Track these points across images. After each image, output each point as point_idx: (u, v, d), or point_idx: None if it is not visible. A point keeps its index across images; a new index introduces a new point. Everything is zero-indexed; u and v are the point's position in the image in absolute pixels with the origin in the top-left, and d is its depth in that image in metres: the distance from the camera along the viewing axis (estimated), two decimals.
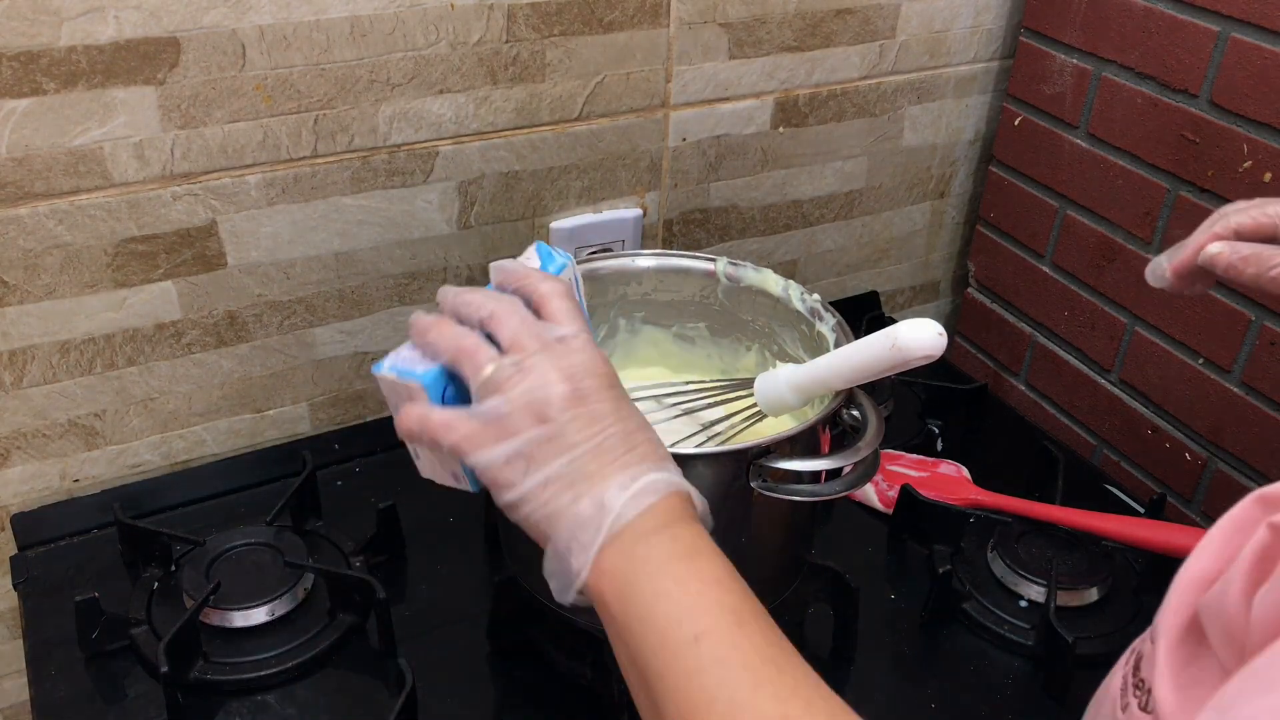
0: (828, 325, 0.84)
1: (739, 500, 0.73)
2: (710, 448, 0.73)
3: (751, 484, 0.71)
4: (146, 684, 0.81)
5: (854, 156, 1.20)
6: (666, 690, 0.48)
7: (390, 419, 1.09)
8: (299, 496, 0.94)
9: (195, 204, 0.89)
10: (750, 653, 0.49)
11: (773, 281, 0.88)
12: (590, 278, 0.90)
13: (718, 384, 0.84)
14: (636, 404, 0.84)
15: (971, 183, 1.31)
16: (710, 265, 0.90)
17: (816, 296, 0.86)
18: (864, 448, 0.72)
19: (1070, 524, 0.96)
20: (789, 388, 0.76)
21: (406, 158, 0.96)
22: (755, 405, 0.79)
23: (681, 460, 0.71)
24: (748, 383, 0.80)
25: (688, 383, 0.86)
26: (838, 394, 0.76)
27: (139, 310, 0.91)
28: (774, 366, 0.92)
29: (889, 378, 1.13)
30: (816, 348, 0.86)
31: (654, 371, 0.95)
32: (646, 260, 0.91)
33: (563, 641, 0.85)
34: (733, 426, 0.80)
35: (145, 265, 0.89)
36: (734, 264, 0.90)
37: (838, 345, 0.83)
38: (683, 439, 0.80)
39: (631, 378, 0.93)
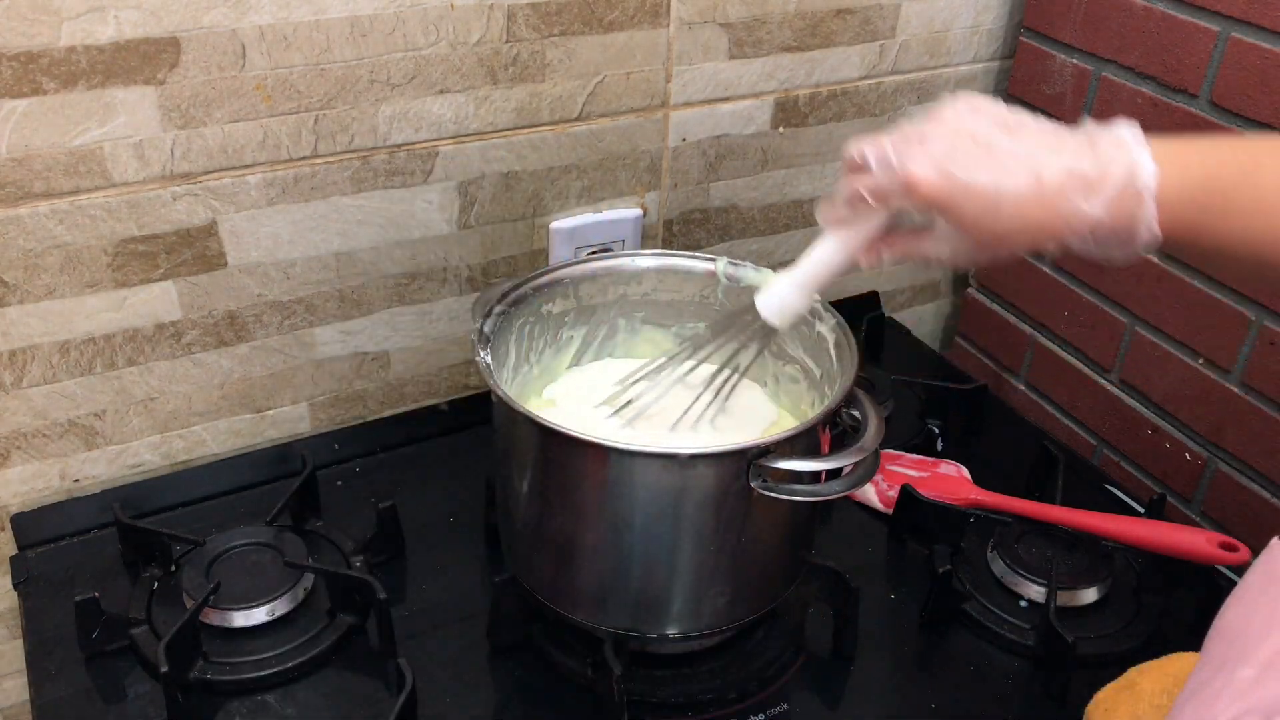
0: (828, 325, 0.84)
1: (739, 500, 0.73)
2: (710, 448, 0.73)
3: (751, 484, 0.71)
4: (146, 684, 0.81)
5: None
6: None
7: (389, 418, 1.09)
8: (299, 496, 0.94)
9: (195, 204, 0.89)
10: None
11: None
12: (590, 278, 0.90)
13: (709, 334, 0.84)
14: (635, 385, 0.84)
15: None
16: (710, 265, 0.90)
17: (816, 296, 0.86)
18: (864, 448, 0.72)
19: (1070, 524, 0.96)
20: (792, 288, 0.74)
21: (406, 158, 0.96)
22: (743, 352, 0.80)
23: (680, 461, 0.72)
24: (739, 318, 0.80)
25: (678, 351, 0.86)
26: (837, 393, 0.76)
27: (139, 310, 0.91)
28: (774, 366, 0.92)
29: (889, 378, 1.13)
30: (816, 348, 0.86)
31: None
32: (646, 260, 0.91)
33: (563, 641, 0.85)
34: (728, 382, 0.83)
35: (145, 265, 0.89)
36: (734, 264, 0.90)
37: (838, 346, 0.83)
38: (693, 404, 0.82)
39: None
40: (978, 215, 0.60)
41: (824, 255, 0.72)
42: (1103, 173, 0.58)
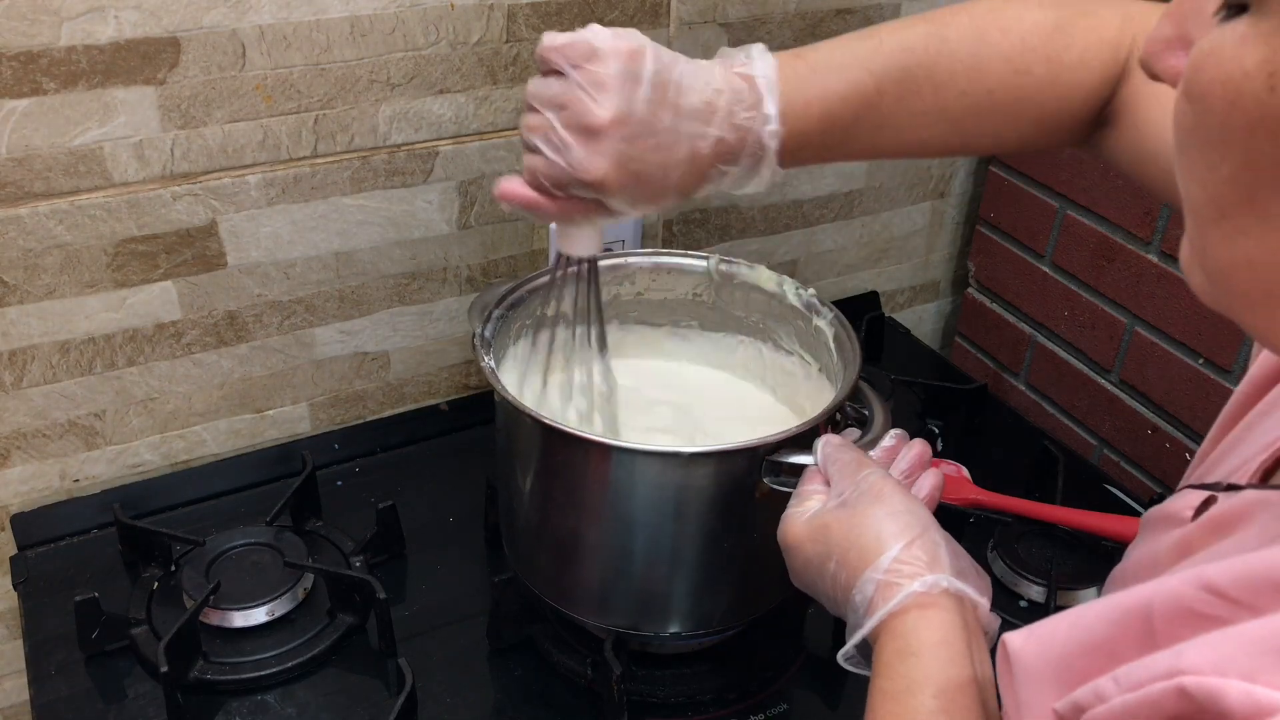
0: (825, 319, 0.84)
1: (747, 498, 0.73)
2: (720, 446, 0.73)
3: (764, 479, 0.71)
4: (146, 684, 0.81)
5: None
6: None
7: (389, 418, 1.09)
8: (299, 496, 0.94)
9: (195, 204, 0.89)
10: None
11: (766, 278, 0.88)
12: (584, 277, 0.90)
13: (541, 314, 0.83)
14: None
15: (971, 183, 1.31)
16: (703, 263, 0.90)
17: (812, 291, 0.85)
18: (873, 439, 0.72)
19: (1070, 524, 0.96)
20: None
21: (406, 158, 0.96)
22: None
23: (691, 459, 0.72)
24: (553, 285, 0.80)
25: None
26: (843, 386, 0.76)
27: (139, 310, 0.91)
28: (770, 360, 0.92)
29: (889, 378, 1.13)
30: (814, 343, 0.86)
31: (646, 365, 0.95)
32: (639, 259, 0.91)
33: (563, 641, 0.85)
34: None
35: (145, 265, 0.89)
36: (726, 261, 0.90)
37: (837, 340, 0.83)
38: None
39: (625, 373, 0.94)
40: (648, 192, 0.66)
41: None
42: (740, 139, 0.65)
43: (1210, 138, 0.37)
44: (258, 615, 0.84)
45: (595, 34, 0.64)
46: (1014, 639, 0.45)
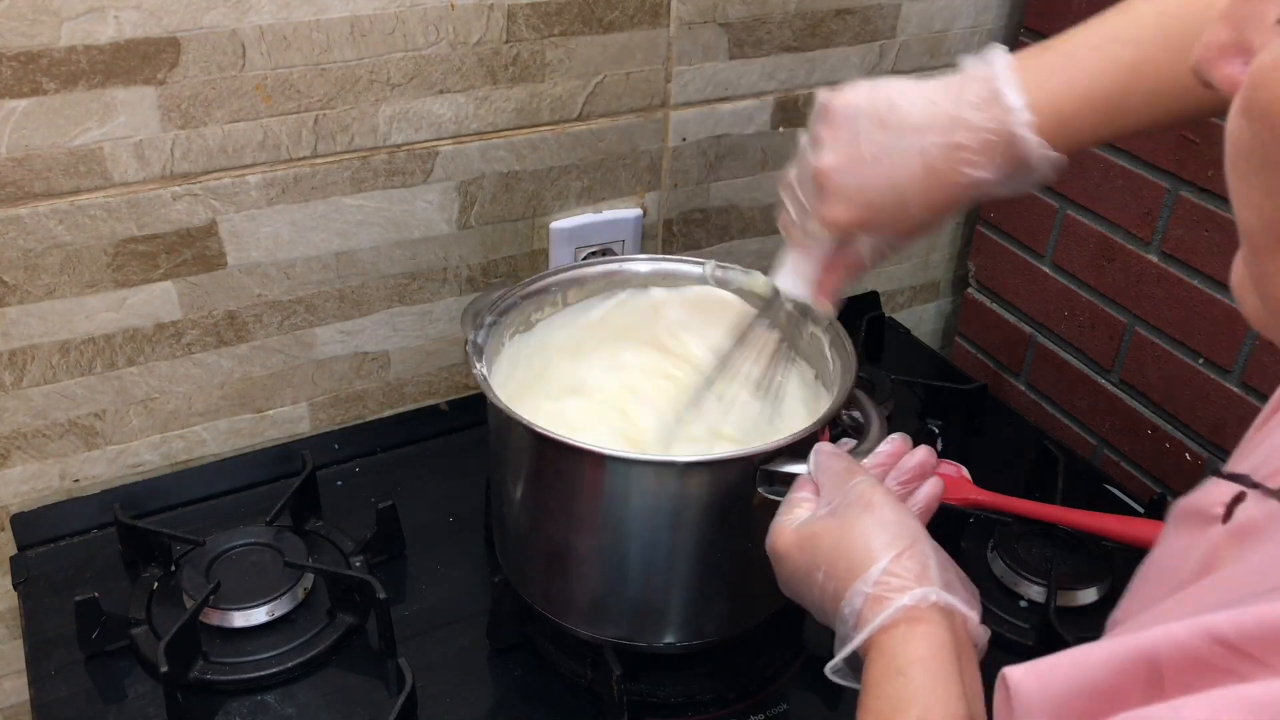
0: (821, 327, 0.84)
1: (743, 507, 0.72)
2: (714, 455, 0.73)
3: (759, 488, 0.71)
4: (146, 684, 0.81)
5: None
6: None
7: (389, 418, 1.09)
8: (299, 496, 0.94)
9: (195, 204, 0.89)
10: None
11: (761, 284, 0.88)
12: (578, 282, 0.90)
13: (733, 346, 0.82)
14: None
15: None
16: (699, 268, 0.90)
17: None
18: (868, 448, 0.72)
19: (1070, 524, 0.96)
20: (797, 268, 0.74)
21: (406, 158, 0.96)
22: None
23: (687, 468, 0.72)
24: (757, 319, 0.79)
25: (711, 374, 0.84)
26: (839, 394, 0.75)
27: (139, 310, 0.91)
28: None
29: (889, 378, 1.13)
30: (811, 350, 0.86)
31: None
32: (634, 264, 0.91)
33: (562, 642, 0.85)
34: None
35: (145, 265, 0.89)
36: (722, 267, 0.89)
37: (834, 347, 0.82)
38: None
39: (619, 379, 0.94)
40: (893, 219, 0.66)
41: (797, 265, 0.74)
42: (981, 138, 0.62)
43: (1270, 160, 0.35)
44: (258, 615, 0.84)
45: (822, 94, 0.67)
46: (1014, 673, 0.44)
